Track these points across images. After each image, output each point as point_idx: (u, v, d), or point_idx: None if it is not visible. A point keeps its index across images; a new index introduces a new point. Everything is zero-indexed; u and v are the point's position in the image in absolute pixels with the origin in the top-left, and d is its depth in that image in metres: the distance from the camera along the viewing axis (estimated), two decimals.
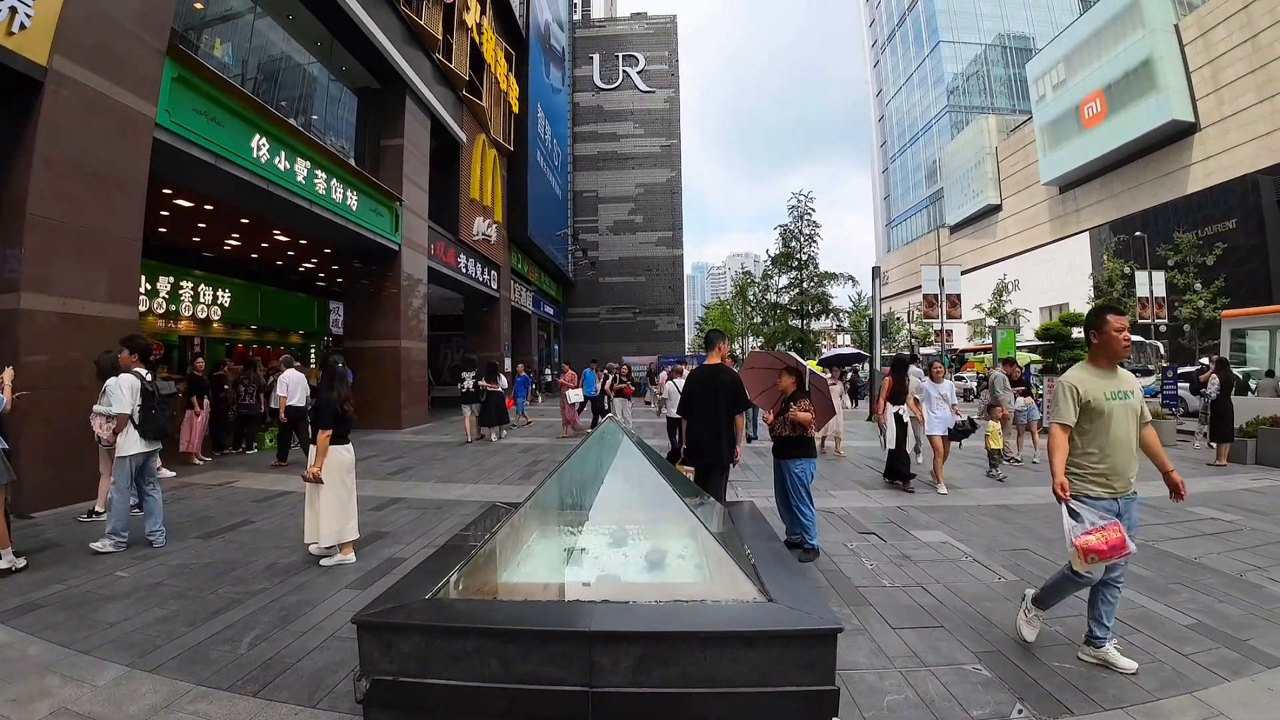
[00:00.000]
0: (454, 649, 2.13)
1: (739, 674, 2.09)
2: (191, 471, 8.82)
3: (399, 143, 15.32)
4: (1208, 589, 4.31)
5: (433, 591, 2.37)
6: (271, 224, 13.26)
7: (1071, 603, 4.03)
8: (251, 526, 6.02)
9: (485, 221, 21.26)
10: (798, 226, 29.49)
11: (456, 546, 3.11)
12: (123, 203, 7.51)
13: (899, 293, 64.78)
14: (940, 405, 7.82)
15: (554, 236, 32.12)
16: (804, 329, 29.29)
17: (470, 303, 23.02)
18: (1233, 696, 2.92)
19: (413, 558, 4.97)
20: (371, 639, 2.18)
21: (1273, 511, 6.56)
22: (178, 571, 4.65)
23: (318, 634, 3.60)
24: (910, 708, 2.87)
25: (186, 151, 8.66)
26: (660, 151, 43.55)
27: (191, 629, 3.64)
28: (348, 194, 12.73)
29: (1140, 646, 3.46)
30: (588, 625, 2.12)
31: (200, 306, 15.47)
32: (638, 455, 3.23)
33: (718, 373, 5.23)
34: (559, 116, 35.49)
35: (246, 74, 11.31)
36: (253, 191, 10.36)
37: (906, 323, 50.37)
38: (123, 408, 5.17)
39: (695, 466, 5.12)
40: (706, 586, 2.70)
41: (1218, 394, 9.74)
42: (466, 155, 20.02)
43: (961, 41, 70.16)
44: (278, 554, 5.12)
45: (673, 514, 3.11)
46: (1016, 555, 5.18)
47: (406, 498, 7.38)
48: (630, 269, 42.47)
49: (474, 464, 9.90)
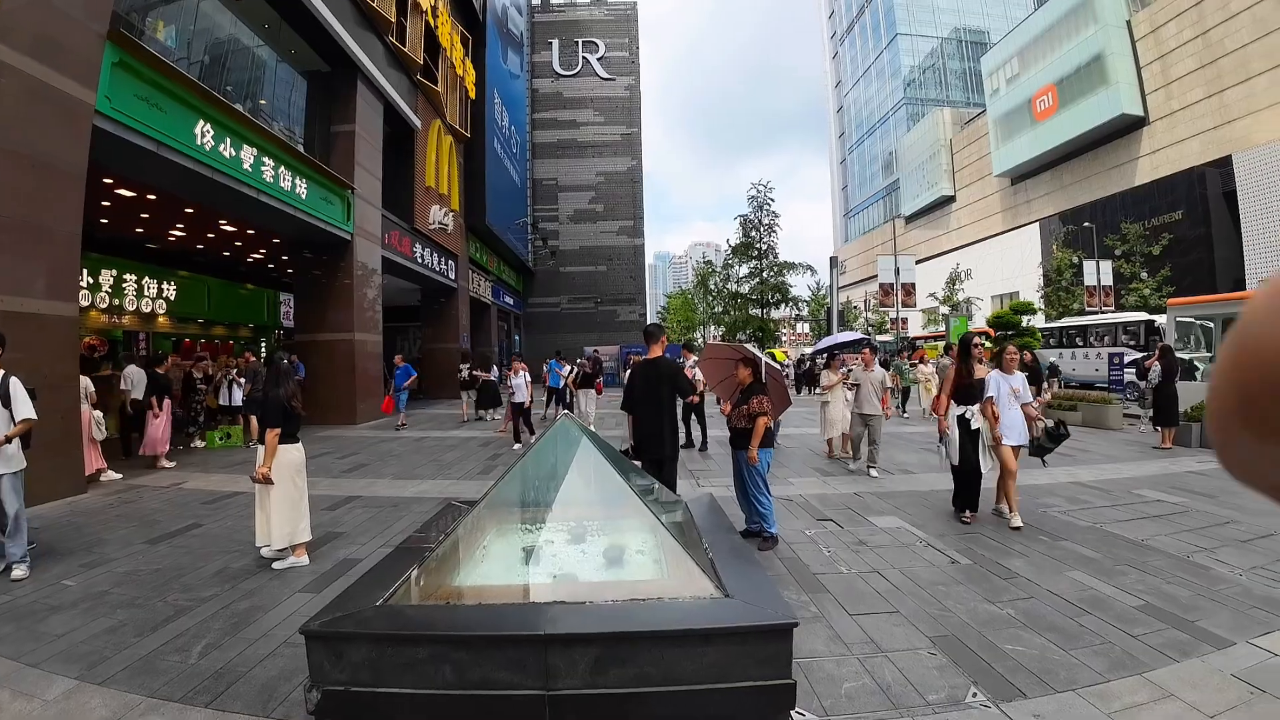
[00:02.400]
0: (406, 657, 2.10)
1: (697, 671, 2.10)
2: (139, 473, 8.49)
3: (351, 129, 14.89)
4: (1156, 570, 4.47)
5: (384, 598, 2.33)
6: (217, 214, 12.76)
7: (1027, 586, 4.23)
8: (201, 530, 5.83)
9: (442, 210, 20.86)
10: (757, 216, 29.81)
11: (410, 549, 3.07)
12: (62, 194, 7.17)
13: (856, 282, 66.00)
14: (1012, 405, 5.78)
15: (513, 225, 31.69)
16: (764, 318, 29.68)
17: (427, 293, 22.60)
18: (1182, 677, 3.02)
19: (368, 558, 4.89)
20: (321, 649, 2.14)
21: (1218, 494, 6.77)
22: (125, 579, 4.49)
23: (270, 641, 3.52)
24: (868, 695, 2.94)
25: (128, 139, 8.30)
26: (621, 140, 43.28)
27: (141, 639, 3.54)
28: (297, 182, 12.33)
29: (1090, 628, 3.58)
30: (543, 628, 2.11)
31: (145, 301, 14.84)
32: (595, 452, 3.23)
33: (657, 365, 5.28)
34: (517, 103, 34.93)
35: (191, 57, 10.84)
36: (197, 180, 9.97)
37: (864, 311, 51.35)
38: (30, 412, 4.73)
39: (644, 462, 5.12)
40: (664, 583, 2.71)
41: (1160, 380, 10.08)
42: (422, 142, 19.57)
43: (919, 35, 71.44)
44: (228, 558, 4.97)
45: (631, 510, 3.11)
46: (969, 539, 5.35)
47: (362, 496, 7.24)
48: (591, 258, 42.23)
49: (431, 459, 9.77)
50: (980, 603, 3.99)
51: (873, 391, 8.17)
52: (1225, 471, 0.48)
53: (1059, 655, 3.28)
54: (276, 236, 14.79)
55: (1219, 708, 2.76)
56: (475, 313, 26.61)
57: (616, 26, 44.17)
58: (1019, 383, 5.88)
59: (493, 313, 29.67)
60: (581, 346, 28.79)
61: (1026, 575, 4.45)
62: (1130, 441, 10.28)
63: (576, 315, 41.50)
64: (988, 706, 2.83)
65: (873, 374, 8.24)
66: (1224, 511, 6.03)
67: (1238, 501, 6.33)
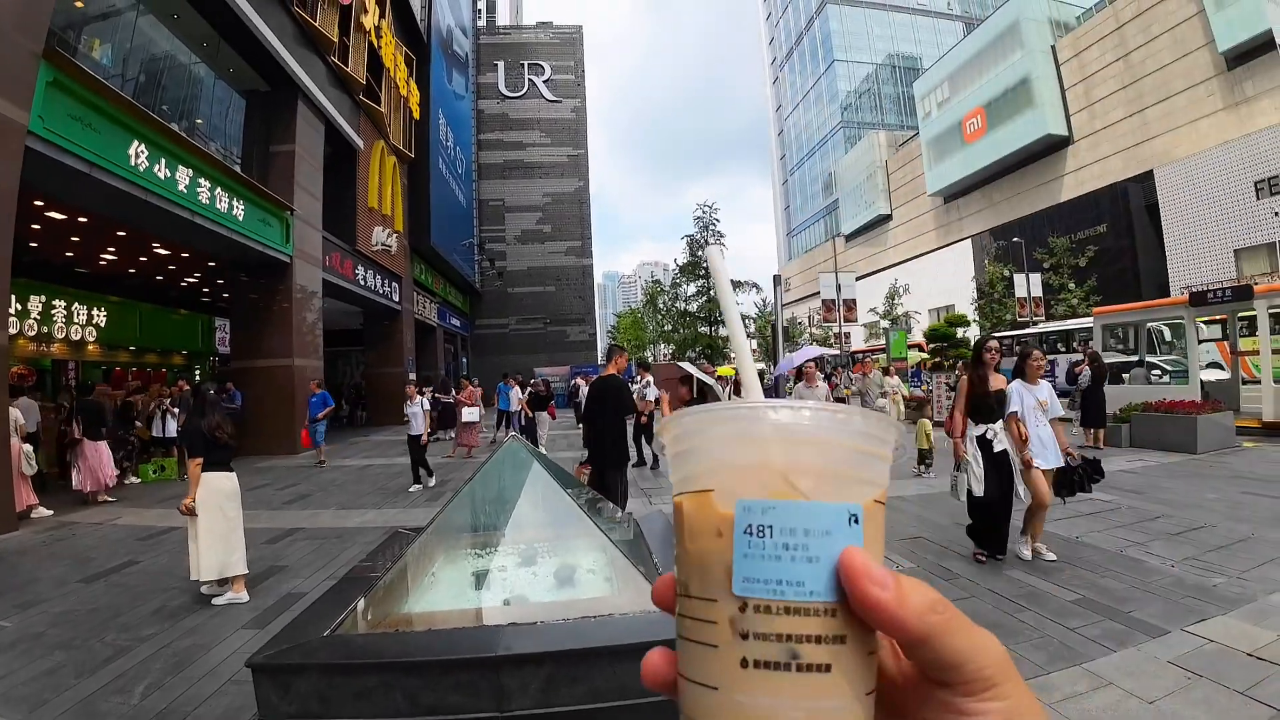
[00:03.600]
0: (356, 686, 2.06)
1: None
2: (72, 510, 8.01)
3: (290, 148, 14.56)
4: (1090, 565, 4.69)
5: (331, 628, 2.29)
6: (151, 236, 12.27)
7: (968, 585, 4.39)
8: (137, 567, 5.59)
9: (385, 231, 20.54)
10: (704, 236, 30.30)
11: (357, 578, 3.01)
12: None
13: (800, 298, 67.62)
14: (1040, 421, 4.90)
15: (459, 246, 31.39)
16: (712, 335, 30.09)
17: (370, 316, 22.13)
18: (1120, 666, 3.18)
19: (313, 592, 4.74)
20: (268, 682, 2.08)
21: (1147, 490, 7.09)
22: (61, 619, 4.29)
23: (215, 679, 3.41)
24: None
25: (60, 160, 8.02)
26: (568, 161, 43.54)
27: (81, 680, 3.41)
28: (234, 203, 11.97)
29: (1029, 623, 3.75)
30: (495, 650, 2.11)
31: (74, 328, 14.05)
32: (543, 473, 3.25)
33: (607, 383, 5.66)
34: (462, 123, 34.79)
35: (126, 75, 10.51)
36: (130, 202, 9.63)
37: (808, 327, 52.60)
38: None
39: (593, 467, 5.46)
40: (615, 600, 2.73)
41: (1089, 384, 10.54)
42: (364, 162, 19.28)
43: (854, 61, 74.44)
44: (166, 596, 4.77)
45: (580, 530, 3.13)
46: (912, 543, 5.56)
47: (304, 527, 7.01)
48: (540, 279, 42.14)
49: (376, 488, 9.53)
50: None
51: None
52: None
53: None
54: (212, 259, 14.29)
55: (1157, 693, 2.91)
56: (421, 335, 26.16)
57: (562, 49, 44.61)
58: (1046, 394, 4.96)
59: (439, 335, 29.22)
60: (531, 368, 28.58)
61: (967, 575, 4.64)
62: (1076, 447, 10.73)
63: (525, 336, 41.25)
64: None
65: (816, 389, 8.46)
66: (1154, 507, 6.32)
67: (1166, 497, 6.70)
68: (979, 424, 4.99)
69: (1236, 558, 4.58)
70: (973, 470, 4.92)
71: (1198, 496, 6.62)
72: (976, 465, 4.91)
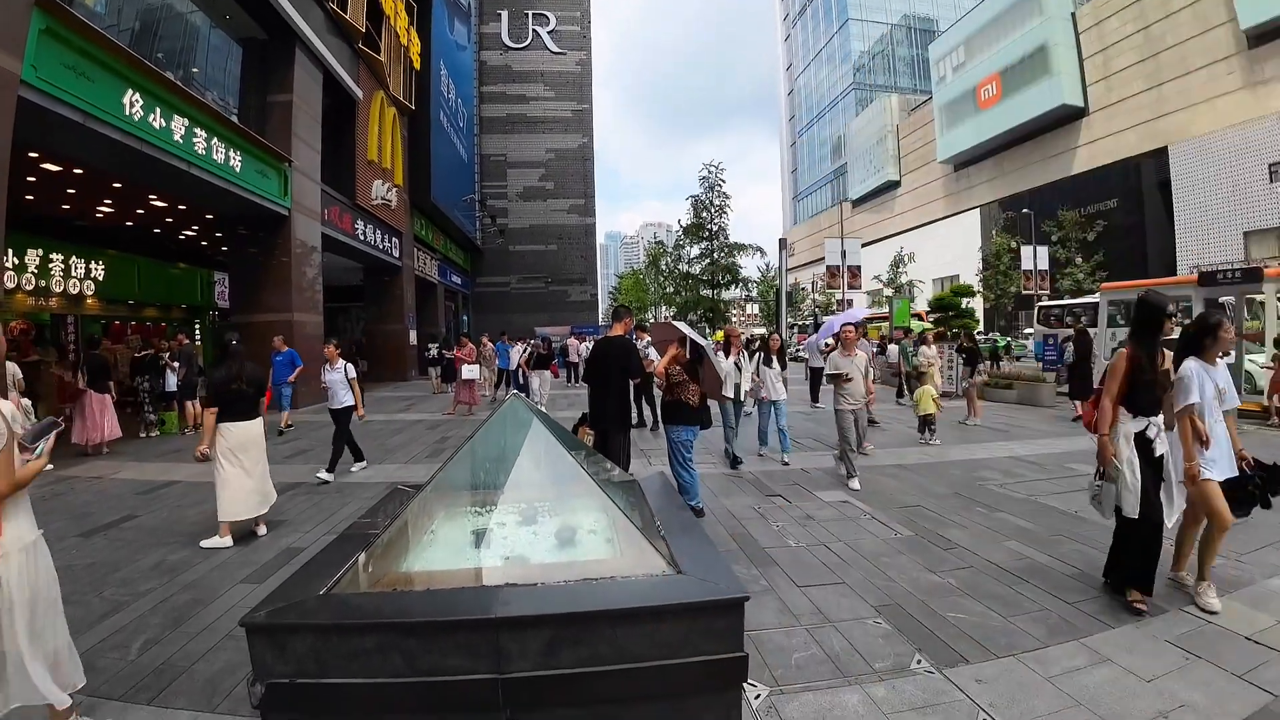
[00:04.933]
0: (353, 646, 2.03)
1: (649, 648, 2.10)
2: (70, 464, 8.00)
3: (288, 99, 14.20)
4: (1089, 540, 4.66)
5: (328, 587, 2.25)
6: (147, 188, 12.03)
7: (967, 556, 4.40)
8: (136, 521, 5.58)
9: (385, 185, 20.20)
10: (709, 197, 29.90)
11: (354, 535, 2.98)
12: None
13: (805, 264, 67.15)
14: (1216, 415, 3.63)
15: (460, 202, 30.96)
16: (715, 298, 29.92)
17: (371, 272, 21.94)
18: (1117, 642, 3.17)
19: (311, 547, 4.75)
20: (263, 642, 2.05)
21: None
22: (59, 575, 4.24)
23: (212, 634, 3.42)
24: (817, 664, 3.03)
25: (54, 111, 7.81)
26: (572, 116, 42.69)
27: (78, 636, 3.34)
28: (230, 154, 11.71)
29: (1029, 596, 3.75)
30: (495, 611, 2.07)
31: (72, 282, 13.90)
32: (545, 432, 3.19)
33: (610, 344, 5.50)
34: (464, 75, 33.95)
35: (121, 24, 10.16)
36: (126, 153, 9.41)
37: (811, 293, 52.33)
38: None
39: (595, 430, 5.37)
40: (616, 562, 2.70)
41: (1075, 358, 10.70)
42: (363, 113, 18.84)
43: (869, 20, 72.43)
44: (165, 550, 4.77)
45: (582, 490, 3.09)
46: (910, 511, 5.53)
47: (304, 482, 7.02)
48: (541, 237, 41.73)
49: (377, 443, 9.53)
50: (923, 572, 4.14)
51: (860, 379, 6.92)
52: None
53: (999, 622, 3.43)
54: (210, 212, 14.06)
55: (1155, 672, 2.90)
56: (421, 292, 25.99)
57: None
58: (1224, 379, 3.69)
59: (440, 292, 29.03)
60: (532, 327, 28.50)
61: (966, 545, 4.64)
62: (1061, 417, 10.77)
63: (526, 295, 41.05)
64: (932, 673, 2.95)
65: (856, 358, 6.85)
66: None
67: None
68: (1137, 417, 3.64)
69: (1236, 540, 4.53)
70: (1126, 480, 3.55)
71: None
72: (1132, 474, 3.54)
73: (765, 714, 2.66)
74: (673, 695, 2.18)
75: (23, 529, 2.40)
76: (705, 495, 5.90)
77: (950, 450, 8.27)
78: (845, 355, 6.79)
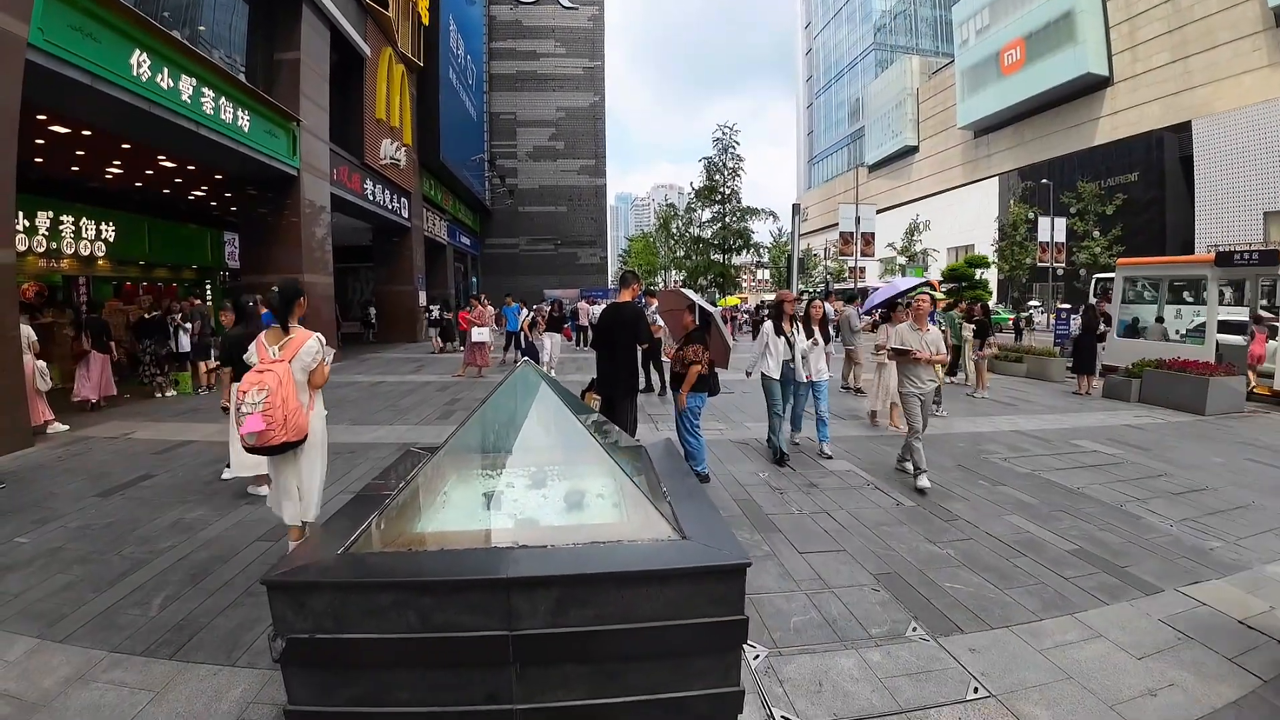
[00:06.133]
0: (369, 604, 2.12)
1: (654, 610, 2.18)
2: (87, 425, 8.15)
3: (295, 56, 13.99)
4: (1089, 518, 4.72)
5: (345, 546, 2.34)
6: (156, 149, 11.96)
7: (967, 528, 4.45)
8: (153, 480, 5.71)
9: (393, 144, 20.00)
10: (722, 159, 29.40)
11: (370, 496, 3.07)
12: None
13: (817, 229, 66.34)
14: None
15: (469, 162, 30.64)
16: (726, 263, 29.69)
17: (379, 232, 21.88)
18: (1111, 619, 3.23)
19: (326, 505, 4.87)
20: (283, 599, 2.14)
21: (1153, 447, 7.05)
22: (78, 534, 4.38)
23: (230, 590, 3.53)
24: (815, 628, 3.12)
25: (61, 73, 7.74)
26: (583, 74, 41.86)
27: (98, 594, 3.49)
28: (239, 114, 11.61)
29: (1025, 570, 3.81)
30: (505, 572, 2.15)
31: (83, 243, 13.94)
32: (554, 398, 3.25)
33: (620, 310, 5.52)
34: (473, 31, 33.25)
35: None
36: (134, 114, 9.33)
37: (823, 259, 51.80)
38: None
39: (601, 395, 5.44)
40: (623, 527, 2.77)
41: (1080, 333, 10.77)
42: (371, 71, 18.56)
43: None
44: (183, 509, 4.90)
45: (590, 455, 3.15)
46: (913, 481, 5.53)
47: None
48: (551, 198, 41.34)
49: (388, 405, 9.66)
50: (922, 542, 4.21)
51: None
52: None
53: (995, 594, 3.50)
54: (219, 173, 13.99)
55: (1146, 650, 2.96)
56: (430, 253, 25.94)
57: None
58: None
59: (449, 253, 28.95)
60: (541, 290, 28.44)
61: (966, 518, 4.70)
62: (1068, 393, 10.72)
63: (536, 257, 40.89)
64: (926, 640, 3.03)
65: (928, 334, 5.75)
66: (1158, 465, 6.29)
67: (1172, 455, 6.66)
68: None
69: (1235, 524, 4.58)
70: None
71: (1202, 458, 6.55)
72: None
73: (764, 674, 2.75)
74: (675, 655, 2.27)
75: (319, 405, 3.69)
76: (711, 461, 5.98)
77: (956, 422, 8.27)
78: (915, 329, 5.74)
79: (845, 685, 2.69)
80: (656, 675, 2.26)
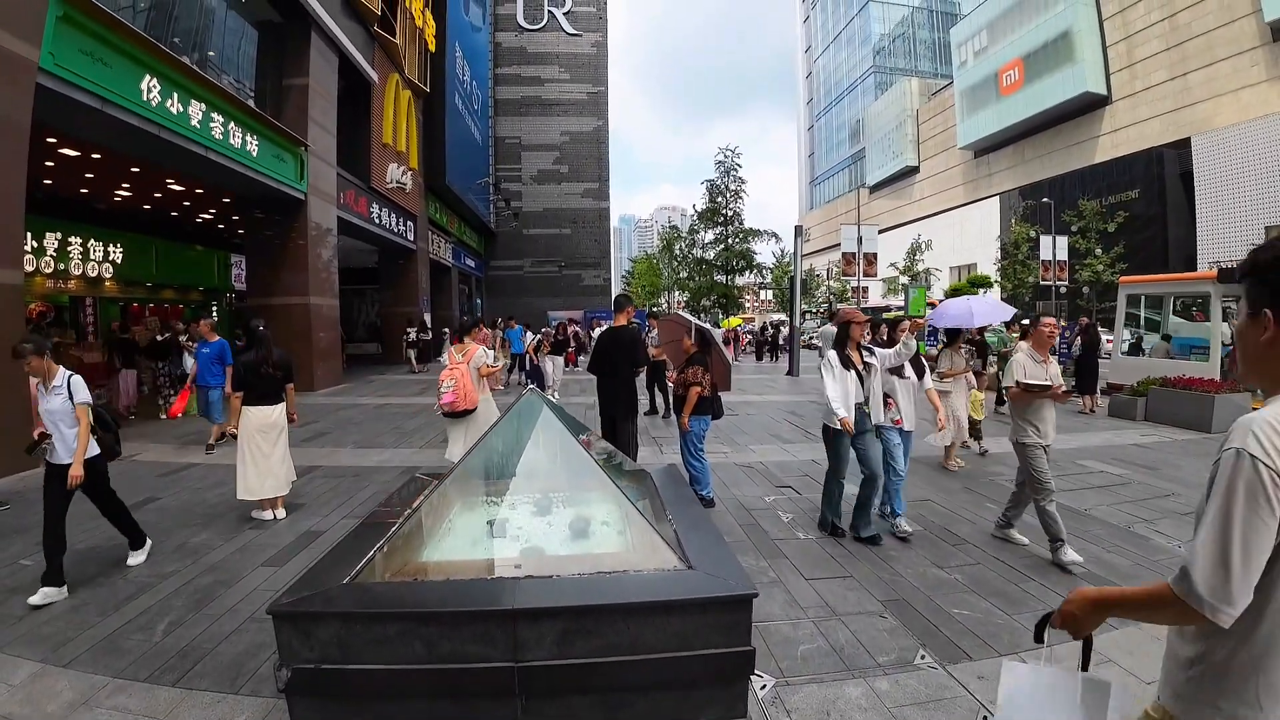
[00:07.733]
0: (375, 634, 2.12)
1: (660, 641, 2.18)
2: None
3: (304, 82, 14.22)
4: (1096, 539, 4.69)
5: (351, 575, 2.34)
6: (164, 172, 12.14)
7: (974, 553, 4.41)
8: (158, 503, 5.70)
9: (399, 168, 20.23)
10: (724, 182, 29.67)
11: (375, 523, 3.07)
12: (3, 154, 6.85)
13: (819, 250, 66.51)
14: None
15: (474, 185, 30.92)
16: (728, 284, 29.80)
17: (385, 255, 22.04)
18: (1120, 643, 3.18)
19: (331, 530, 4.87)
20: (289, 628, 2.14)
21: (1160, 466, 6.99)
22: (83, 557, 4.37)
23: (235, 616, 3.51)
24: (822, 656, 3.09)
25: (72, 97, 7.87)
26: (587, 99, 42.30)
27: (103, 618, 3.49)
28: (247, 138, 11.78)
29: (1033, 594, 3.77)
30: (511, 602, 2.15)
31: (91, 264, 14.08)
32: (558, 425, 3.26)
33: (618, 334, 5.61)
34: (479, 57, 33.75)
35: (137, 7, 10.19)
36: (143, 138, 9.48)
37: (825, 280, 51.89)
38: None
39: (604, 417, 5.54)
40: (629, 556, 2.76)
41: (1081, 352, 10.84)
42: (378, 96, 18.83)
43: (890, 2, 71.07)
44: (187, 533, 4.89)
45: (595, 483, 3.16)
46: (919, 506, 5.53)
47: (323, 465, 7.15)
48: (555, 220, 41.57)
49: (393, 427, 9.66)
50: (929, 568, 4.18)
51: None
52: None
53: (1003, 620, 3.46)
54: (227, 195, 14.18)
55: (1156, 674, 2.89)
56: (435, 275, 26.08)
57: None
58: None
59: (454, 275, 29.10)
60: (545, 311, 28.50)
61: (973, 542, 4.66)
62: (1073, 412, 10.67)
63: (540, 279, 41.00)
64: (935, 668, 3.00)
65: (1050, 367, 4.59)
66: (1165, 484, 6.25)
67: (1178, 475, 6.60)
68: None
69: None
70: None
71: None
72: None
73: (770, 704, 2.71)
74: (682, 686, 2.25)
75: (487, 393, 5.55)
76: (716, 485, 5.95)
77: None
78: (1038, 361, 4.53)
79: (853, 715, 2.65)
80: (663, 706, 2.25)
